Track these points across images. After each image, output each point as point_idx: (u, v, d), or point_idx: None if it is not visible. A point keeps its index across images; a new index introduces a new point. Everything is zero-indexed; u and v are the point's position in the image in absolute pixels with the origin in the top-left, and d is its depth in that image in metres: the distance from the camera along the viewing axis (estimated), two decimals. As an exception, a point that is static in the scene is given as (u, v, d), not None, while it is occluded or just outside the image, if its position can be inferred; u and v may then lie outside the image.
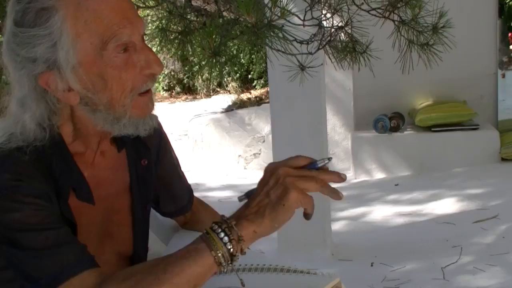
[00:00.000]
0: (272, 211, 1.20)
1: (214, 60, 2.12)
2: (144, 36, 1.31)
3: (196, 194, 1.81)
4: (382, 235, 4.35)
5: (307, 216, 1.27)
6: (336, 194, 1.22)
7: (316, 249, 3.90)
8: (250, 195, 1.26)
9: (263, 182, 1.24)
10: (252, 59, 9.69)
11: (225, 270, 1.21)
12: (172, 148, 1.69)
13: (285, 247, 3.98)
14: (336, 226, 4.47)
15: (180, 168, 1.73)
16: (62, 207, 1.31)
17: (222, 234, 1.19)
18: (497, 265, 3.55)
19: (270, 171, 1.23)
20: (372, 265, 3.76)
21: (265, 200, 1.21)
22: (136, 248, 1.57)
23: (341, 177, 1.23)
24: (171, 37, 2.44)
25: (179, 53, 2.55)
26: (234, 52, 9.13)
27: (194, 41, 2.37)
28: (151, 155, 1.55)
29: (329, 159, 1.25)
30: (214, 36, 2.13)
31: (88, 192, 1.37)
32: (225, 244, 1.19)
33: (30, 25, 1.20)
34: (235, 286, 1.52)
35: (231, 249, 1.19)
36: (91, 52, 1.21)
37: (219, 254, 1.19)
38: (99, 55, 1.22)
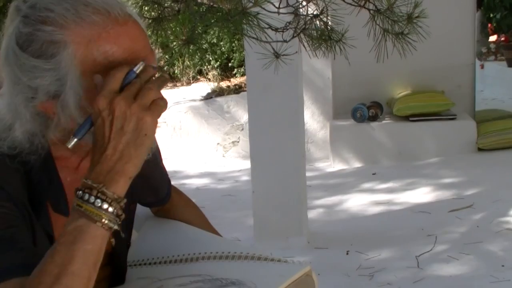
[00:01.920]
0: (137, 148, 1.11)
1: (188, 48, 2.12)
2: None
3: (174, 181, 1.80)
4: (358, 224, 4.37)
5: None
6: (162, 76, 1.16)
7: (292, 237, 3.91)
8: (82, 134, 1.14)
9: (104, 123, 1.10)
10: (233, 47, 9.66)
11: (117, 227, 1.12)
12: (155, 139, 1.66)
13: (261, 235, 3.99)
14: (312, 214, 4.49)
15: (161, 160, 1.72)
16: (41, 218, 1.27)
17: (99, 202, 1.08)
18: (470, 253, 3.59)
19: (106, 108, 1.10)
20: (347, 254, 3.78)
21: (122, 140, 1.09)
22: (117, 244, 1.56)
23: (155, 64, 1.19)
24: (147, 22, 2.42)
25: (154, 39, 2.53)
26: (214, 40, 9.11)
27: (168, 28, 2.35)
28: None
29: (142, 61, 1.14)
30: (187, 24, 2.12)
31: (65, 205, 1.32)
32: (106, 210, 1.09)
33: (34, 54, 1.14)
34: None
35: (115, 211, 1.10)
36: (95, 89, 1.14)
37: (106, 222, 1.09)
38: None
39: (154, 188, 1.70)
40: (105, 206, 1.08)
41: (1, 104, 1.25)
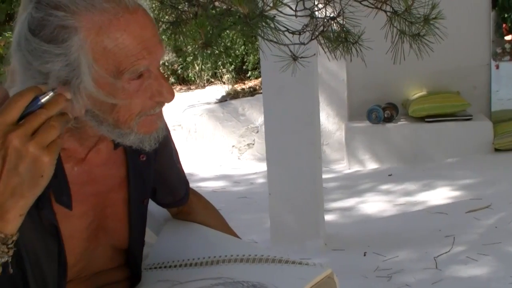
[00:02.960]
0: (31, 188, 1.05)
1: (206, 51, 2.12)
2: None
3: (190, 184, 1.80)
4: (375, 225, 4.36)
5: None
6: (66, 116, 1.10)
7: (309, 239, 3.90)
8: None
9: None
10: (247, 50, 9.67)
11: (6, 260, 1.07)
12: (172, 141, 1.66)
13: (277, 237, 3.99)
14: (329, 216, 4.48)
15: (179, 161, 1.72)
16: (44, 210, 1.28)
17: None
18: (489, 254, 3.57)
19: None
20: (365, 255, 3.77)
21: (15, 179, 1.03)
22: (131, 242, 1.56)
23: (65, 97, 1.10)
24: (163, 28, 2.43)
25: (171, 43, 2.55)
26: (228, 43, 9.11)
27: (186, 32, 2.36)
28: (150, 151, 1.54)
29: (53, 90, 1.09)
30: (206, 27, 2.12)
31: (67, 196, 1.33)
32: None
33: (46, 39, 1.14)
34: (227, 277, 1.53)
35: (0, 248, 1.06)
36: (104, 76, 1.16)
37: None
38: (112, 81, 1.17)
39: (171, 189, 1.71)
40: None
41: (14, 91, 1.26)
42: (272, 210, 4.04)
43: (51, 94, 1.08)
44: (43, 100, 1.07)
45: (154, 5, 2.40)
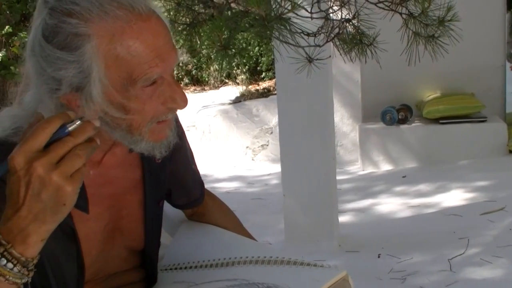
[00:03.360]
0: (54, 215, 1.06)
1: (223, 53, 2.13)
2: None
3: (204, 185, 1.81)
4: (389, 227, 4.35)
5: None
6: (94, 142, 1.11)
7: (323, 240, 3.91)
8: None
9: (19, 182, 1.05)
10: (261, 51, 9.68)
11: (26, 281, 1.09)
12: (187, 142, 1.67)
13: (292, 238, 4.00)
14: (343, 218, 4.48)
15: (194, 162, 1.73)
16: None
17: (4, 261, 1.05)
18: (503, 256, 3.55)
19: (23, 168, 1.04)
20: (379, 257, 3.76)
21: (38, 206, 1.05)
22: (147, 243, 1.57)
23: (93, 125, 1.11)
24: (179, 29, 2.44)
25: (187, 44, 2.56)
26: (243, 44, 9.12)
27: (202, 33, 2.38)
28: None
29: (81, 119, 1.10)
30: (223, 29, 2.13)
31: (84, 200, 1.34)
32: (11, 269, 1.06)
33: (59, 46, 1.15)
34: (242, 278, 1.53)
35: (21, 271, 1.07)
36: (117, 84, 1.17)
37: (10, 278, 1.06)
38: (125, 88, 1.18)
39: (186, 190, 1.71)
40: (10, 266, 1.05)
41: (28, 95, 1.28)
42: (286, 211, 4.05)
43: (78, 122, 1.08)
44: (70, 128, 1.07)
45: (170, 7, 2.41)
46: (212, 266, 1.63)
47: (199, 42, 2.39)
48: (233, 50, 2.10)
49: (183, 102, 1.25)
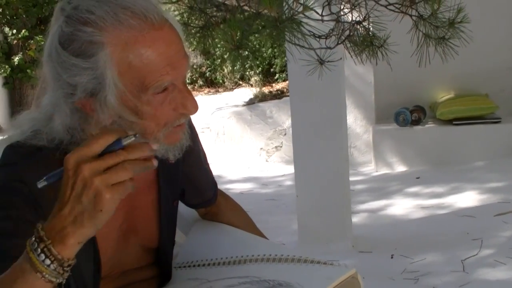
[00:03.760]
0: (91, 219, 1.07)
1: (237, 53, 2.16)
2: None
3: (218, 186, 1.84)
4: (402, 228, 4.36)
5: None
6: (149, 162, 1.12)
7: (336, 241, 3.92)
8: (52, 180, 1.11)
9: (68, 182, 1.08)
10: (275, 53, 9.71)
11: (61, 281, 1.11)
12: (199, 143, 1.70)
13: (305, 239, 4.02)
14: (357, 218, 4.50)
15: (207, 162, 1.77)
16: None
17: (43, 256, 1.08)
18: (517, 258, 3.57)
19: (72, 168, 1.07)
20: (392, 257, 3.78)
21: (78, 207, 1.07)
22: (162, 242, 1.61)
23: (150, 147, 1.11)
24: (192, 31, 2.48)
25: (200, 46, 2.59)
26: (257, 45, 9.15)
27: (215, 35, 2.41)
28: None
29: (135, 135, 1.12)
30: (237, 30, 2.17)
31: None
32: (48, 266, 1.08)
33: (74, 53, 1.19)
34: (254, 275, 1.56)
35: (57, 269, 1.08)
36: (130, 90, 1.21)
37: (46, 275, 1.08)
38: (137, 94, 1.22)
39: (199, 190, 1.75)
40: (48, 262, 1.07)
41: (45, 98, 1.32)
42: (299, 212, 4.07)
43: (133, 138, 1.10)
44: (125, 143, 1.10)
45: (183, 10, 2.45)
46: (225, 264, 1.66)
47: (211, 44, 2.42)
48: (245, 50, 2.13)
49: (194, 108, 1.28)
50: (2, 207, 1.26)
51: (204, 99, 10.09)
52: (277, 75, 9.68)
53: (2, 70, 10.46)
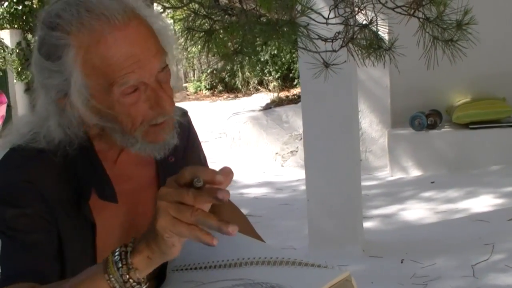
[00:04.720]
0: (152, 240, 1.07)
1: (236, 57, 2.17)
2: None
3: (232, 191, 1.82)
4: (414, 233, 4.35)
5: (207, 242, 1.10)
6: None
7: (347, 245, 3.91)
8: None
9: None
10: (293, 58, 9.72)
11: None
12: (200, 146, 1.71)
13: (316, 243, 4.01)
14: (370, 223, 4.49)
15: (207, 164, 1.77)
16: (83, 208, 1.35)
17: (117, 258, 1.09)
18: (529, 263, 3.53)
19: (158, 195, 1.07)
20: (402, 262, 3.76)
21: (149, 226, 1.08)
22: None
23: (218, 198, 1.05)
24: (196, 36, 2.48)
25: (208, 52, 2.59)
26: (275, 51, 9.14)
27: (217, 40, 2.42)
28: (178, 153, 1.59)
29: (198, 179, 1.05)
30: (237, 34, 2.17)
31: (111, 191, 1.40)
32: (118, 269, 1.09)
33: (45, 57, 1.25)
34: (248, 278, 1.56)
35: (122, 275, 1.09)
36: (100, 90, 1.24)
37: (112, 279, 1.09)
38: (107, 93, 1.24)
39: None
40: (119, 265, 1.09)
41: (39, 101, 1.36)
42: (310, 216, 4.07)
43: (199, 184, 1.05)
44: (198, 185, 1.05)
45: (187, 14, 2.46)
46: (221, 267, 1.66)
47: (213, 48, 2.43)
48: (247, 53, 2.13)
49: (169, 107, 1.29)
50: (16, 206, 1.29)
51: (223, 104, 10.14)
52: (296, 80, 9.69)
53: (24, 77, 10.57)
